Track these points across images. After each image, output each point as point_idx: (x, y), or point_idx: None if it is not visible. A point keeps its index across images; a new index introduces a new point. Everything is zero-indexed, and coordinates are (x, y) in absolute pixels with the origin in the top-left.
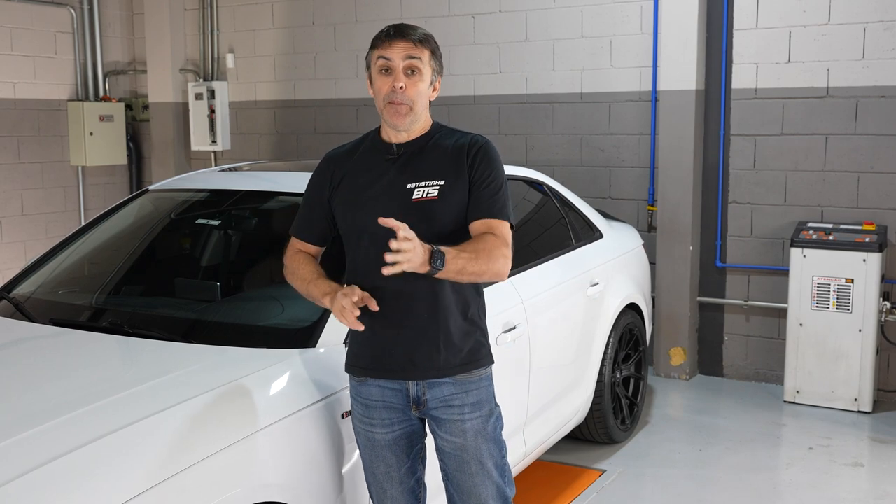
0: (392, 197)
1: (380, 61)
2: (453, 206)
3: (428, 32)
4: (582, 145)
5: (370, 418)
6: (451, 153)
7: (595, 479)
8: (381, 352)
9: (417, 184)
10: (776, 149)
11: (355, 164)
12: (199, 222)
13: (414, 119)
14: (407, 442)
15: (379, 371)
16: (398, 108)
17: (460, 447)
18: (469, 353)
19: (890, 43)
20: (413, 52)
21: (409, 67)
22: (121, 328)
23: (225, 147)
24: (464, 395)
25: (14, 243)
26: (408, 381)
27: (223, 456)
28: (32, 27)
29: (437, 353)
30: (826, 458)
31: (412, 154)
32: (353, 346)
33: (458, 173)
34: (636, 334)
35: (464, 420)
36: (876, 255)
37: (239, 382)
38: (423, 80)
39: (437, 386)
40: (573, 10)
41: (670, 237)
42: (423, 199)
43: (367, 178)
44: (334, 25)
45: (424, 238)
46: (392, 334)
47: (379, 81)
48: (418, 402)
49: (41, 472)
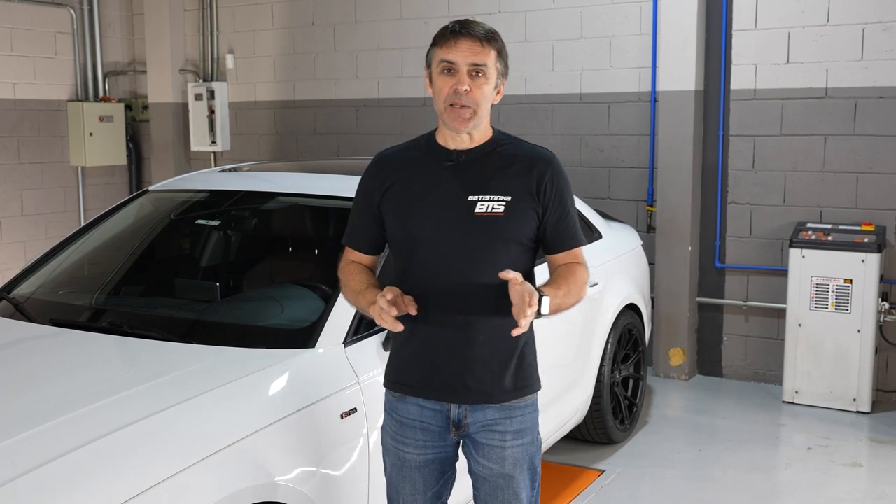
0: (451, 208)
1: (442, 63)
2: (519, 224)
3: (494, 30)
4: (581, 146)
5: (403, 437)
6: (520, 168)
7: (594, 480)
8: (430, 371)
9: (481, 197)
10: (775, 149)
11: (409, 168)
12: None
13: (476, 123)
14: (438, 467)
15: (426, 391)
16: (460, 111)
17: (497, 474)
18: (522, 378)
19: (889, 44)
20: (479, 52)
21: (474, 69)
22: (120, 328)
23: (225, 147)
24: (507, 422)
25: (14, 244)
26: (451, 403)
27: (222, 456)
28: (32, 28)
29: (490, 377)
30: (825, 459)
31: (474, 163)
32: (396, 362)
33: (527, 191)
34: (635, 334)
35: (504, 447)
36: (874, 256)
37: (238, 383)
38: (489, 82)
39: (480, 409)
40: (572, 10)
41: (669, 238)
42: (486, 213)
43: (423, 185)
44: (334, 26)
45: (485, 256)
46: (445, 354)
47: (440, 81)
48: (459, 424)
49: (41, 473)
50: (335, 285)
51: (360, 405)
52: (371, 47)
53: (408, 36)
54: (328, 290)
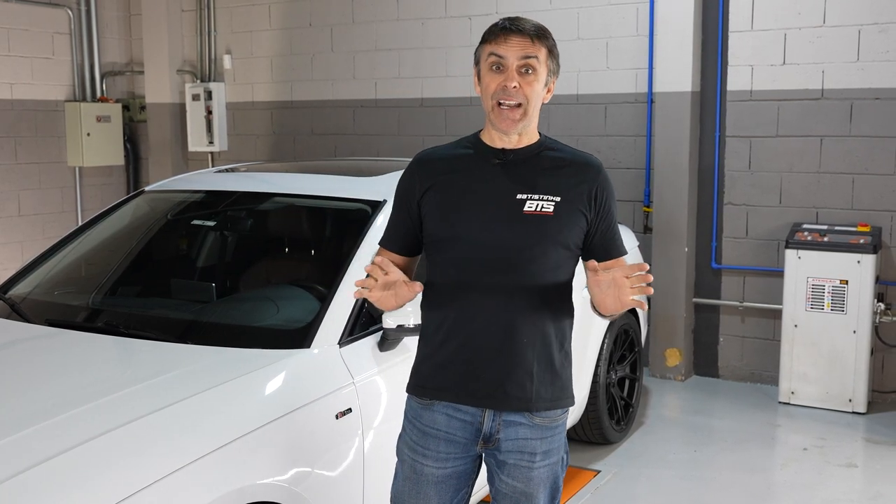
0: (499, 206)
1: (491, 58)
2: (568, 227)
3: (545, 27)
4: (578, 147)
5: (424, 448)
6: (571, 171)
7: (590, 480)
8: (468, 375)
9: (530, 196)
10: (771, 150)
11: (454, 166)
12: (195, 223)
13: (526, 122)
14: (455, 483)
15: (461, 396)
16: (509, 113)
17: (520, 492)
18: (559, 388)
19: (884, 45)
20: (529, 49)
21: (524, 66)
22: (117, 329)
23: (222, 148)
24: (538, 442)
25: (11, 244)
26: (485, 411)
27: (218, 456)
28: (30, 28)
29: (530, 384)
30: (820, 459)
31: (524, 162)
32: (427, 365)
33: (577, 195)
34: (631, 335)
35: (532, 468)
36: (870, 257)
37: (234, 383)
38: (539, 79)
39: (513, 426)
40: (569, 11)
41: (666, 238)
42: (535, 212)
43: (468, 181)
44: (331, 27)
45: (532, 254)
46: (486, 357)
47: (488, 78)
48: (489, 438)
49: (36, 472)
50: (331, 286)
51: (355, 405)
52: (368, 48)
53: (405, 36)
54: (324, 291)
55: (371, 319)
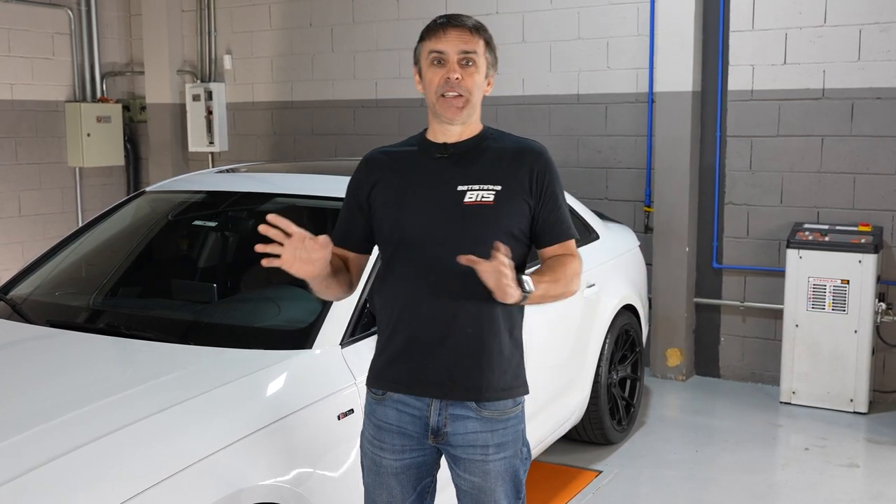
0: (441, 198)
1: (432, 54)
2: (509, 214)
3: (481, 22)
4: (579, 146)
5: (381, 441)
6: (510, 159)
7: (591, 480)
8: (417, 365)
9: (470, 186)
10: (772, 150)
11: (398, 163)
12: (196, 224)
13: (469, 113)
14: (416, 473)
15: (410, 386)
16: (453, 101)
17: (478, 487)
18: (510, 377)
19: (885, 45)
20: (468, 42)
21: (464, 59)
22: (118, 329)
23: (222, 148)
24: (488, 435)
25: (11, 244)
26: (431, 405)
27: (220, 457)
28: (30, 28)
29: (478, 372)
30: (822, 459)
31: (465, 154)
32: (379, 358)
33: (518, 182)
34: (633, 335)
35: (486, 461)
36: (871, 257)
37: (235, 384)
38: (479, 71)
39: (460, 420)
40: (570, 11)
41: (667, 238)
42: (476, 202)
43: (412, 177)
44: (331, 27)
45: (475, 244)
46: (430, 347)
47: (430, 73)
48: (437, 432)
49: (38, 474)
50: None
51: (357, 406)
52: (369, 48)
53: (405, 36)
54: None
55: (373, 320)
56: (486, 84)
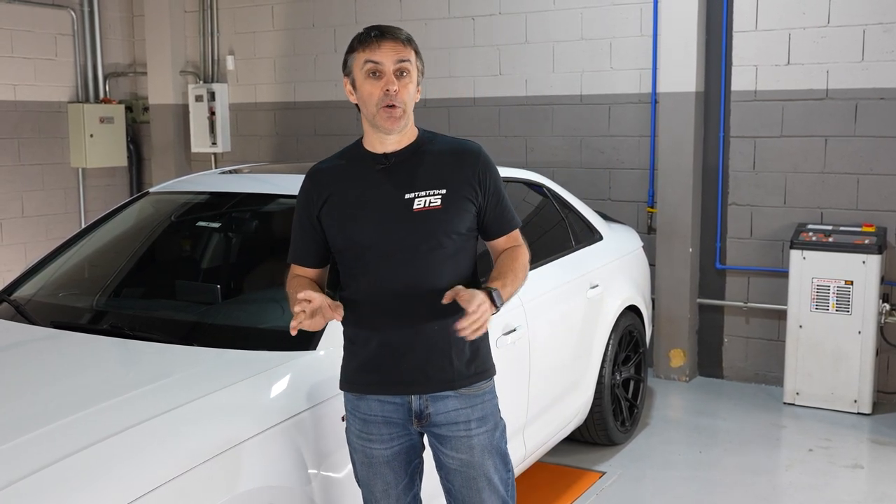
0: (389, 208)
1: (368, 65)
2: (458, 214)
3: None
4: (581, 147)
5: (368, 434)
6: (450, 161)
7: (595, 481)
8: (390, 368)
9: (417, 193)
10: (776, 151)
11: (342, 178)
12: (199, 225)
13: (406, 122)
14: (405, 457)
15: (386, 386)
16: (392, 111)
17: (467, 464)
18: (479, 362)
19: (889, 45)
20: (402, 54)
21: (399, 69)
22: (121, 331)
23: (225, 149)
24: (469, 410)
25: (14, 245)
26: (412, 395)
27: (224, 459)
28: (33, 29)
29: (449, 365)
30: (826, 460)
31: (405, 162)
32: (350, 363)
33: (461, 182)
34: (636, 336)
35: (471, 436)
36: (875, 257)
37: (240, 385)
38: (412, 81)
39: (440, 400)
40: (573, 12)
41: (670, 239)
42: (425, 208)
43: (358, 191)
44: (334, 27)
45: (430, 250)
46: (402, 351)
47: (368, 86)
48: (421, 416)
49: (42, 475)
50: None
51: None
52: None
53: None
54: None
55: None
56: (417, 92)
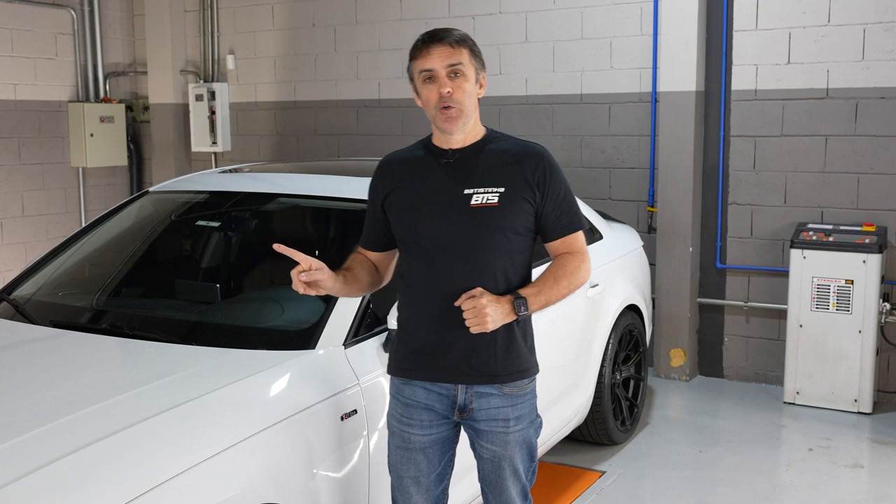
0: (449, 202)
1: (422, 73)
2: (513, 214)
3: (463, 33)
4: (582, 146)
5: (409, 418)
6: (511, 161)
7: (595, 481)
8: (437, 356)
9: (475, 190)
10: (776, 150)
11: (410, 169)
12: (199, 224)
13: (465, 121)
14: (441, 447)
15: (432, 373)
16: (449, 112)
17: (499, 455)
18: (523, 361)
19: (890, 44)
20: (452, 56)
21: (451, 71)
22: (121, 330)
23: (225, 148)
24: (509, 409)
25: (15, 245)
26: (458, 385)
27: (223, 458)
28: (33, 29)
29: (494, 359)
30: (826, 460)
31: (469, 159)
32: (400, 348)
33: (519, 183)
34: (636, 335)
35: (507, 432)
36: (876, 257)
37: (239, 384)
38: (468, 80)
39: (485, 396)
40: (573, 11)
41: (670, 238)
42: (482, 205)
43: (423, 183)
44: (334, 27)
45: (484, 245)
46: (450, 338)
47: (425, 91)
48: (463, 409)
49: (42, 474)
50: None
51: (361, 407)
52: (371, 48)
53: (408, 36)
54: None
55: (376, 320)
56: (479, 87)
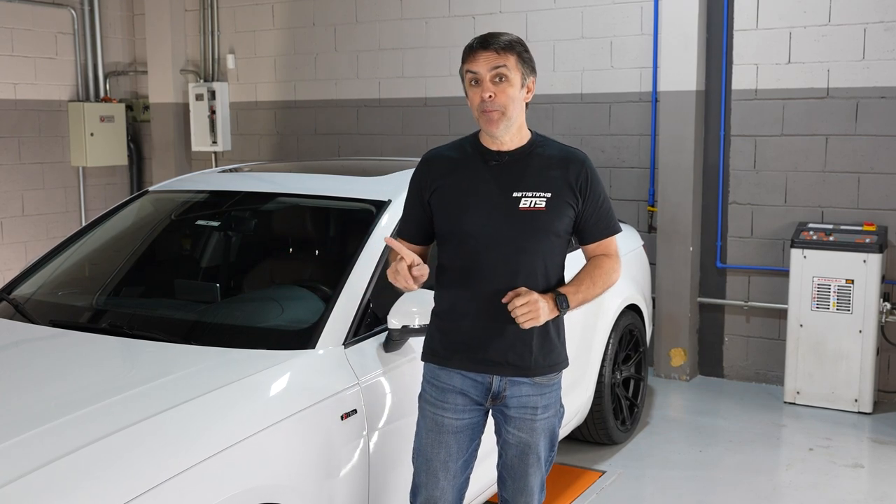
0: (498, 204)
1: (468, 75)
2: (559, 218)
3: (514, 38)
4: (582, 146)
5: (443, 402)
6: (557, 167)
7: (595, 480)
8: (475, 347)
9: (524, 193)
10: (776, 149)
11: (457, 167)
12: (199, 223)
13: (508, 124)
14: (471, 433)
15: (469, 363)
16: (490, 115)
17: (525, 441)
18: (555, 355)
19: (890, 44)
20: (497, 61)
21: (496, 76)
22: (121, 329)
23: (225, 148)
24: (538, 398)
25: (15, 244)
26: (493, 375)
27: (223, 457)
28: (33, 28)
29: (529, 354)
30: (826, 459)
31: (517, 163)
32: (436, 335)
33: (564, 188)
34: (636, 335)
35: (535, 420)
36: (876, 256)
37: (239, 384)
38: (513, 85)
39: (517, 385)
40: (573, 10)
41: (670, 238)
42: (530, 208)
43: (470, 182)
44: (334, 26)
45: (529, 246)
46: (489, 334)
47: (471, 93)
48: (497, 396)
49: (41, 474)
50: (335, 286)
51: (360, 406)
52: (372, 47)
53: (408, 36)
54: (328, 291)
55: (376, 320)
56: (526, 92)
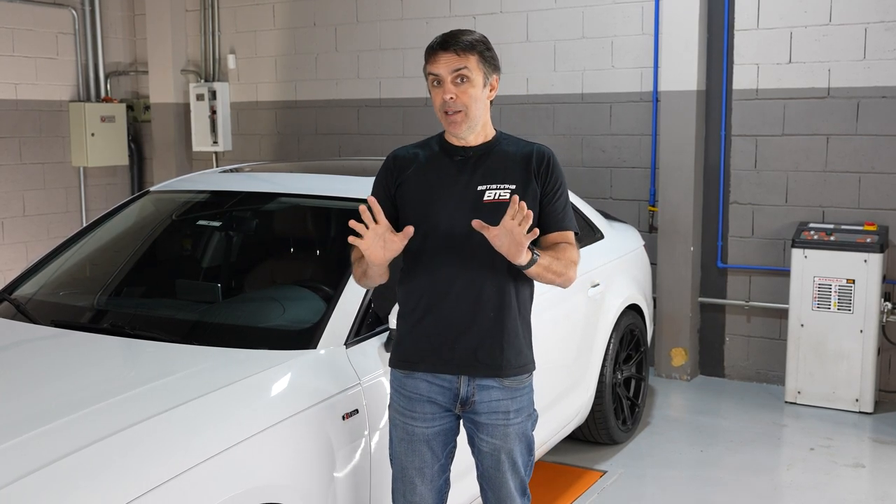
0: (463, 197)
1: (430, 77)
2: None
3: (475, 37)
4: (583, 146)
5: (412, 411)
6: (520, 160)
7: (596, 480)
8: (442, 347)
9: (488, 186)
10: (777, 149)
11: (423, 163)
12: (200, 223)
13: (470, 124)
14: (444, 438)
15: (437, 365)
16: (452, 117)
17: (499, 448)
18: (524, 356)
19: (891, 43)
20: (458, 63)
21: (457, 77)
22: (122, 329)
23: (226, 148)
24: (509, 402)
25: (16, 244)
26: (461, 377)
27: (224, 458)
28: (34, 28)
29: (499, 352)
30: (827, 459)
31: (481, 158)
32: (404, 341)
33: (527, 180)
34: (637, 335)
35: (507, 424)
36: (877, 256)
37: (240, 384)
38: (474, 85)
39: (486, 389)
40: (574, 10)
41: (671, 238)
42: (494, 200)
43: (436, 177)
44: (335, 26)
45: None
46: (458, 331)
47: (433, 94)
48: (466, 402)
49: (43, 474)
50: (337, 286)
51: (362, 406)
52: (372, 47)
53: (409, 36)
54: (329, 291)
55: (377, 320)
56: (489, 90)
